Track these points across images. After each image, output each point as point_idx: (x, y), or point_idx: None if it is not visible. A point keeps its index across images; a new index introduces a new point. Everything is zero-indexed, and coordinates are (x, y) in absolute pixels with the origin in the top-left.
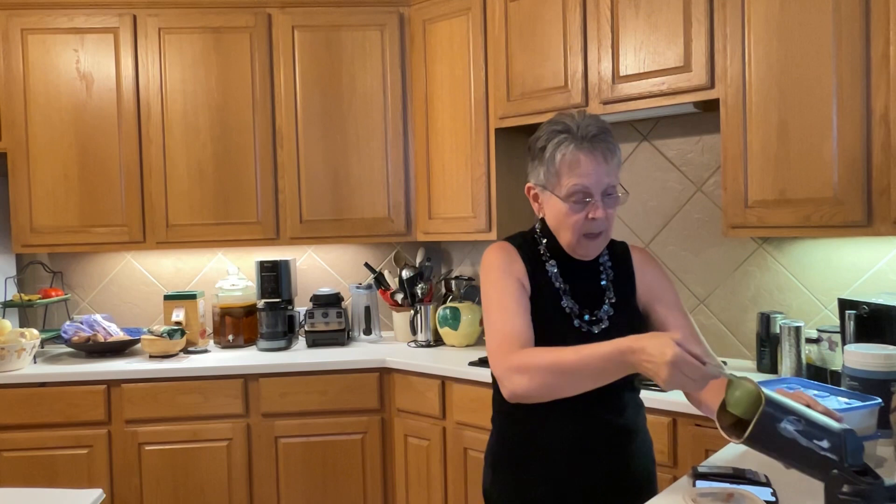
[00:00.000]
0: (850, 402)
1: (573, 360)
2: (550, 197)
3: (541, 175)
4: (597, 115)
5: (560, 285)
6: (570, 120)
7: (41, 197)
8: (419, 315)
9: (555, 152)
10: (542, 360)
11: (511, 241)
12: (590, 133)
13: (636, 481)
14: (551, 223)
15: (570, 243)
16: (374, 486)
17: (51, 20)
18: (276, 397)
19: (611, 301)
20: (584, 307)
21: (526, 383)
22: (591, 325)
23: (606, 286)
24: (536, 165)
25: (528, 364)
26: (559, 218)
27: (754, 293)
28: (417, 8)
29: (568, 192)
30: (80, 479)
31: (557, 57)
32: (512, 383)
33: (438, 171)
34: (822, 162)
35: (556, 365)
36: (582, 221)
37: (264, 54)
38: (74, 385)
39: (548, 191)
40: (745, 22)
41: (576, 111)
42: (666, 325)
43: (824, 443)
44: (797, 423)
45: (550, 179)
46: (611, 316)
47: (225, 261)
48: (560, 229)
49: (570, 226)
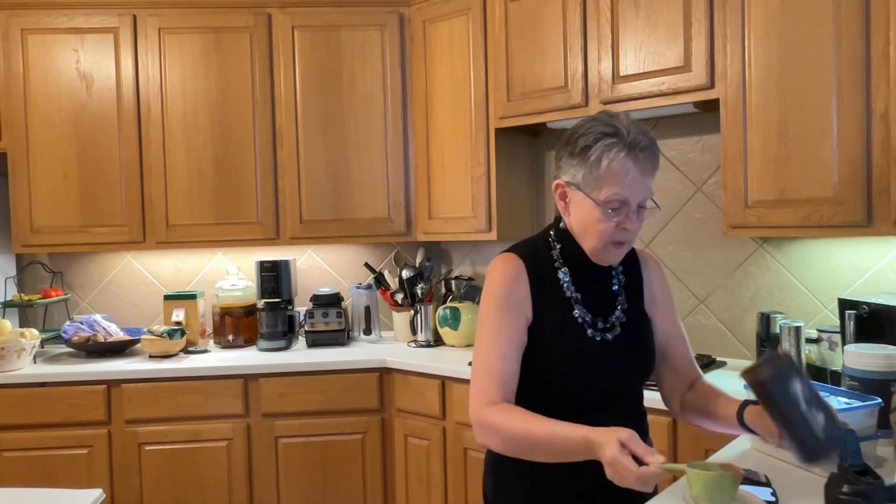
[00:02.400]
0: (850, 402)
1: (543, 436)
2: (584, 199)
3: (579, 175)
4: (639, 121)
5: (572, 294)
6: (619, 123)
7: (41, 197)
8: (419, 315)
9: (601, 156)
10: (514, 428)
11: (519, 253)
12: (641, 143)
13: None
14: (577, 226)
15: (594, 248)
16: (374, 486)
17: (51, 20)
18: (276, 397)
19: (622, 307)
20: (597, 315)
21: (497, 445)
22: (605, 333)
23: (618, 291)
24: (575, 164)
25: (500, 427)
26: (588, 222)
27: (754, 293)
28: (417, 8)
29: (606, 199)
30: (80, 479)
31: (557, 57)
32: (483, 438)
33: (438, 171)
34: (822, 162)
35: (525, 435)
36: (612, 230)
37: (264, 54)
38: (74, 385)
39: (582, 192)
40: (745, 22)
41: (622, 112)
42: (665, 339)
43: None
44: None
45: (589, 182)
46: (623, 322)
47: (225, 261)
48: (586, 234)
49: (598, 232)
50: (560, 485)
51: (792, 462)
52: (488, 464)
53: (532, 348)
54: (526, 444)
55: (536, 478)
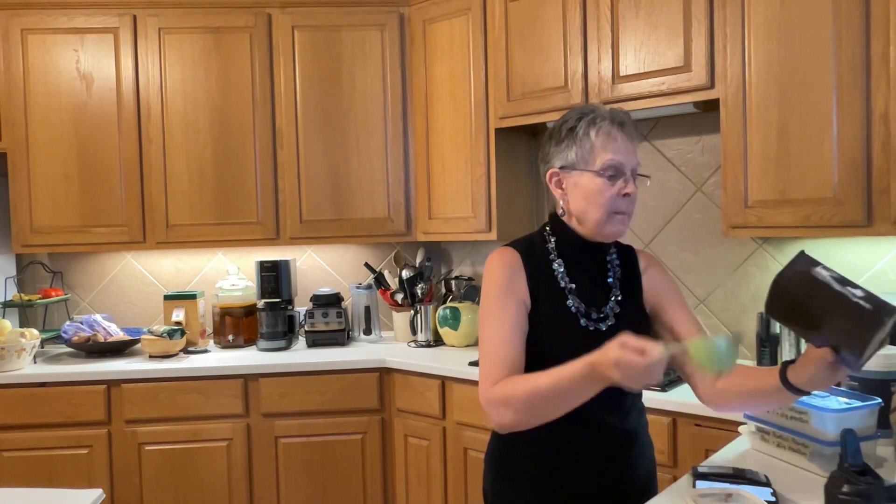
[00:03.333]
0: (850, 402)
1: (547, 383)
2: (582, 175)
3: (570, 155)
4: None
5: (566, 284)
6: (595, 106)
7: (41, 197)
8: (419, 315)
9: (588, 129)
10: (520, 391)
11: (516, 246)
12: (619, 116)
13: (638, 486)
14: (579, 204)
15: (599, 220)
16: (374, 486)
17: (51, 20)
18: (276, 397)
19: (617, 298)
20: (591, 305)
21: (511, 416)
22: (599, 323)
23: (613, 283)
24: (564, 148)
25: (508, 396)
26: (591, 195)
27: (754, 293)
28: (417, 8)
29: (603, 166)
30: (80, 479)
31: (557, 57)
32: (498, 416)
33: (438, 171)
34: (821, 162)
35: (533, 392)
36: (614, 197)
37: (264, 54)
38: (74, 385)
39: (578, 170)
40: (745, 22)
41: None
42: (674, 323)
43: (858, 291)
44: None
45: (584, 156)
46: (616, 313)
47: (225, 261)
48: (590, 207)
49: (602, 202)
50: (560, 480)
51: (792, 462)
52: (488, 461)
53: (528, 338)
54: (537, 401)
55: (535, 473)
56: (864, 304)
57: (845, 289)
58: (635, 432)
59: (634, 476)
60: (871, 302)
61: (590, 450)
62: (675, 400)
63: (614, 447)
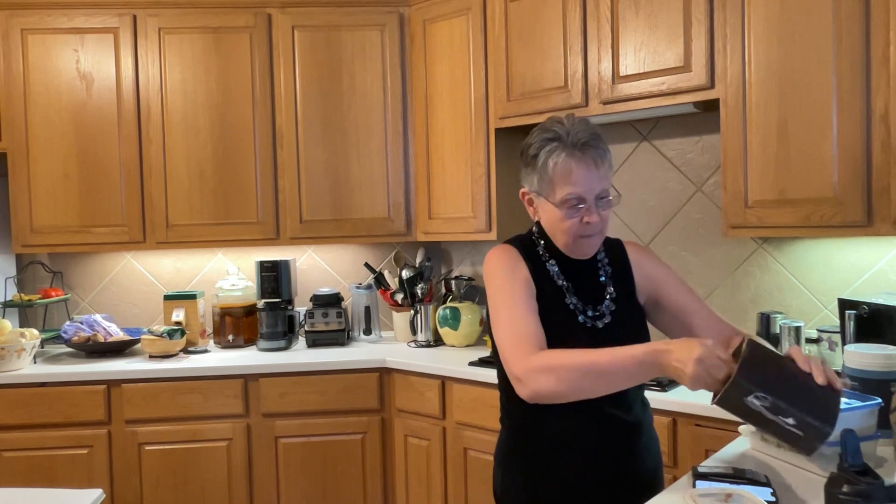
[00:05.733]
0: (850, 402)
1: (607, 361)
2: (545, 203)
3: (534, 182)
4: (587, 118)
5: (562, 283)
6: (560, 127)
7: (41, 197)
8: (419, 315)
9: (547, 160)
10: (572, 361)
11: (513, 243)
12: (580, 140)
13: (644, 478)
14: (546, 227)
15: (566, 245)
16: (374, 486)
17: (51, 20)
18: (275, 397)
19: (611, 296)
20: (587, 304)
21: (553, 384)
22: (595, 321)
23: (606, 282)
24: (529, 172)
25: (555, 365)
26: (554, 223)
27: (754, 293)
28: (417, 8)
29: (562, 200)
30: (80, 480)
31: (557, 57)
32: (537, 383)
33: (438, 171)
34: (821, 162)
35: (589, 366)
36: (577, 226)
37: (264, 54)
38: (74, 385)
39: (542, 197)
40: (745, 22)
41: (565, 116)
42: (680, 307)
43: (790, 420)
44: (764, 399)
45: (544, 187)
46: (612, 311)
47: (225, 261)
48: (556, 233)
49: (564, 230)
50: (568, 472)
51: (792, 462)
52: (498, 458)
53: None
54: (587, 375)
55: (543, 470)
56: (796, 432)
57: (777, 418)
58: (641, 424)
59: (642, 468)
60: (802, 428)
61: (598, 442)
62: (676, 400)
63: (622, 439)
